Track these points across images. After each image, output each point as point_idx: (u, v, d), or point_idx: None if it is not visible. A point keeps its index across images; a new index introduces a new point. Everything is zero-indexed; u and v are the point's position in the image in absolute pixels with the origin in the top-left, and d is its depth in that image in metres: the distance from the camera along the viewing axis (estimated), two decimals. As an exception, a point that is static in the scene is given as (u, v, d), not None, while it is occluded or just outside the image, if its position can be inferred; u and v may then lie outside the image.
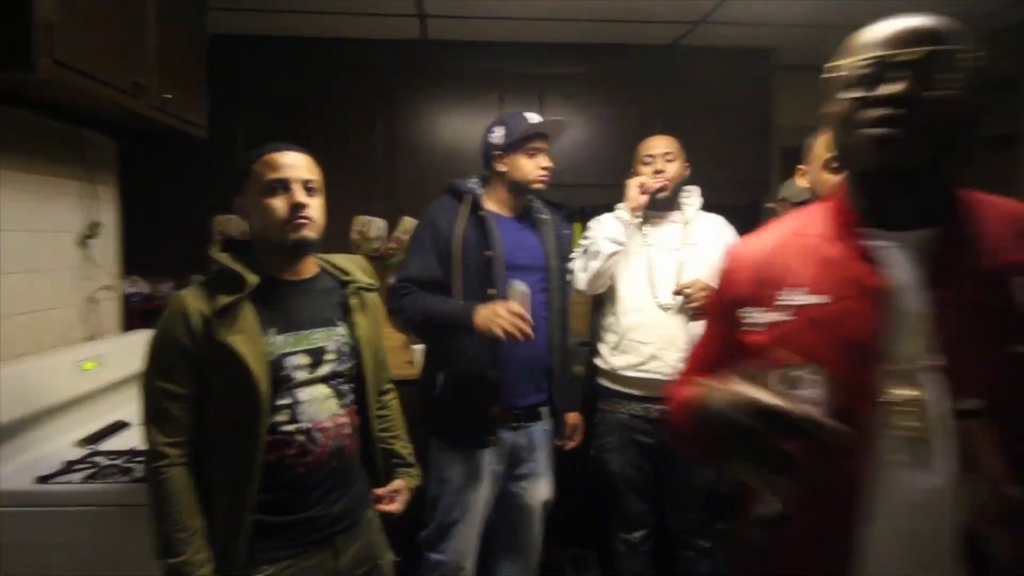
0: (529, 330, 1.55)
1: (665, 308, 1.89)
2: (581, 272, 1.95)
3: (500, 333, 1.54)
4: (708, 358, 0.94)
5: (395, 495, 1.40)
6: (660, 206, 1.96)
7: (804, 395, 0.71)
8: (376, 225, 2.84)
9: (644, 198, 1.89)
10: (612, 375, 1.96)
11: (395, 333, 1.92)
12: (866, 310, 0.78)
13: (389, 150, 2.85)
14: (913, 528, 0.75)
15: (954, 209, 0.81)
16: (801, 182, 1.64)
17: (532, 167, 1.77)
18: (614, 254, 1.88)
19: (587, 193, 2.81)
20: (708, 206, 2.49)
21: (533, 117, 1.80)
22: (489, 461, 1.75)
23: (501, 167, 1.79)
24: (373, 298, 1.39)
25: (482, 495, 1.75)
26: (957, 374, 0.73)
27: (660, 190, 1.91)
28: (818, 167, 1.57)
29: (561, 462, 1.95)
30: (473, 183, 1.83)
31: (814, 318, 0.80)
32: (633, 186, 1.91)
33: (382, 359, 1.45)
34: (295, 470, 1.18)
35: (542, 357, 1.80)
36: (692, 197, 2.01)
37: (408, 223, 2.87)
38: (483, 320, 1.58)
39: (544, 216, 1.88)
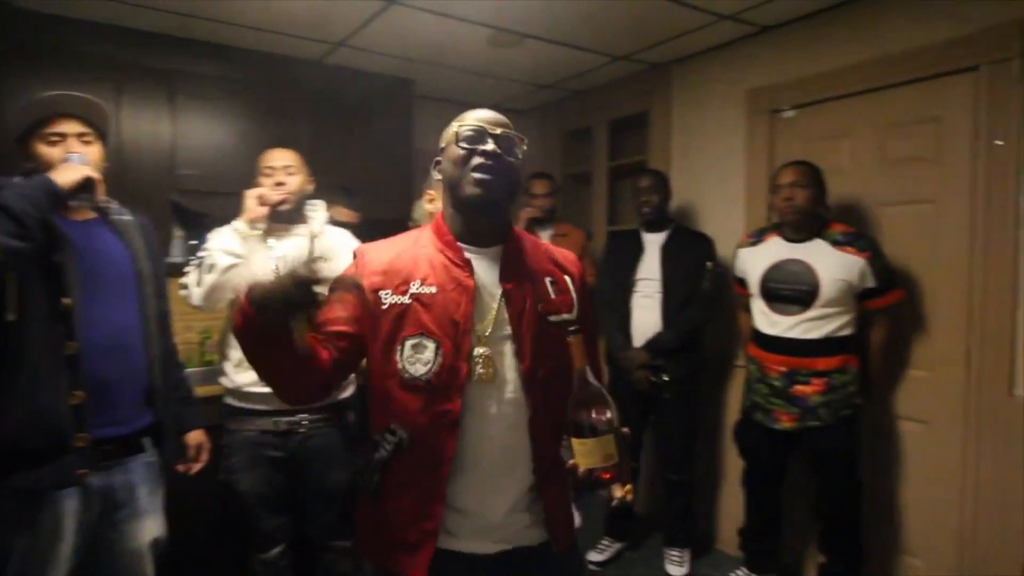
0: None
1: None
2: (195, 287, 1.84)
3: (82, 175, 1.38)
4: (337, 307, 1.16)
5: None
6: (284, 219, 1.96)
7: (423, 358, 1.10)
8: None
9: (263, 210, 1.88)
10: (237, 393, 1.91)
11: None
12: (461, 298, 1.12)
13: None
14: (492, 434, 1.12)
15: (511, 233, 1.22)
16: (428, 206, 1.86)
17: (55, 155, 1.46)
18: (231, 267, 1.81)
19: (226, 201, 2.67)
20: (353, 220, 2.60)
21: (49, 95, 1.49)
22: (72, 512, 1.44)
23: (27, 162, 1.49)
24: None
25: (65, 551, 1.44)
26: (518, 336, 1.14)
27: (281, 203, 1.92)
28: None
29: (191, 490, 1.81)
30: (16, 178, 1.47)
31: (427, 302, 1.12)
32: (251, 197, 1.88)
33: None
34: None
35: (138, 374, 1.56)
36: (318, 211, 2.08)
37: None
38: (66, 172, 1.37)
39: (126, 217, 1.64)
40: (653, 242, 2.73)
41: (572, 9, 2.42)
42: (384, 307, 1.13)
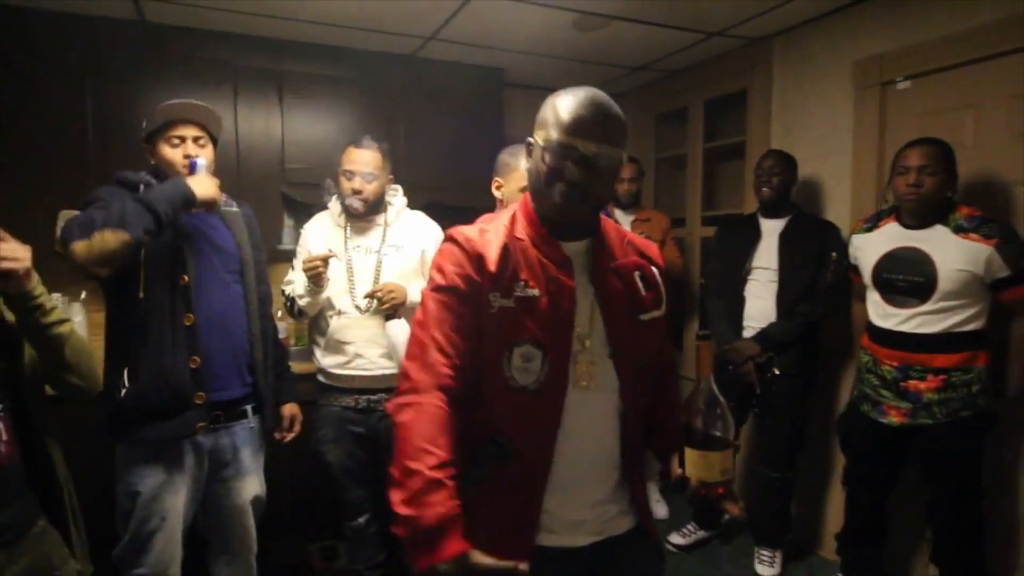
0: None
1: (362, 310, 2.03)
2: (294, 316, 2.10)
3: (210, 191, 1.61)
4: (451, 335, 1.05)
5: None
6: (365, 212, 2.08)
7: (532, 367, 1.04)
8: (87, 220, 2.58)
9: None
10: (325, 372, 2.09)
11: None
12: (563, 301, 1.07)
13: (102, 136, 2.61)
14: (587, 434, 1.09)
15: (598, 228, 1.15)
16: (496, 193, 1.90)
17: (176, 156, 1.69)
18: (305, 299, 2.03)
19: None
20: (448, 208, 2.71)
21: (173, 103, 1.73)
22: (188, 465, 1.69)
23: (152, 159, 1.73)
24: None
25: (181, 500, 1.68)
26: (613, 336, 1.10)
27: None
28: (516, 188, 1.83)
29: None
30: (144, 174, 1.72)
31: (530, 307, 1.06)
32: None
33: None
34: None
35: (242, 349, 1.77)
36: (397, 196, 2.18)
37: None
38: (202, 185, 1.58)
39: (231, 208, 1.84)
40: (771, 229, 2.59)
41: (658, -13, 2.35)
42: (493, 311, 1.05)
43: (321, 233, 2.13)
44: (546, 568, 1.06)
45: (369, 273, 2.05)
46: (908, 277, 2.02)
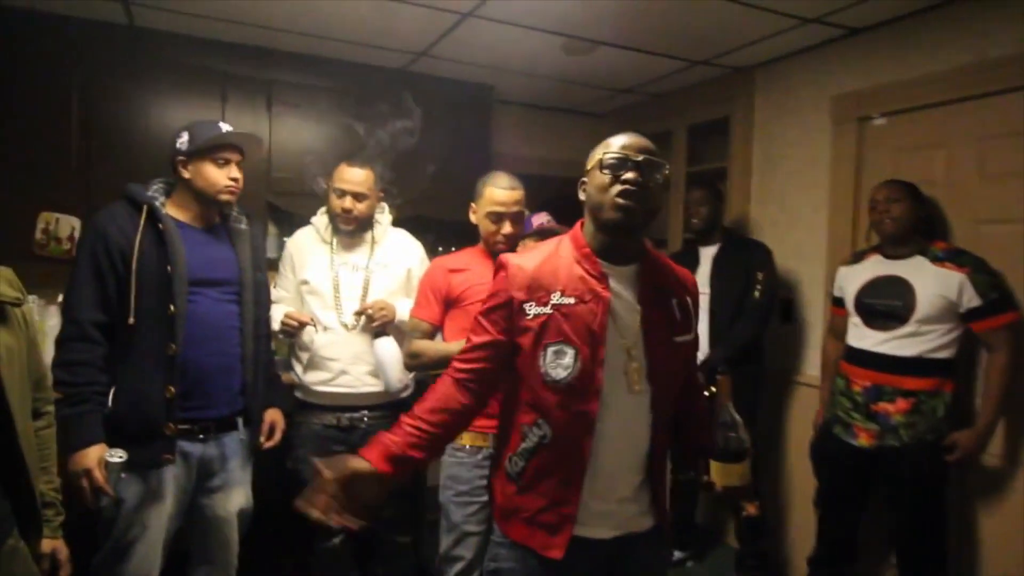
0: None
1: (349, 327, 2.04)
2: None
3: None
4: (483, 343, 1.28)
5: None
6: (353, 231, 2.11)
7: (563, 363, 1.19)
8: (67, 224, 2.56)
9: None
10: (306, 389, 2.08)
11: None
12: (598, 308, 1.20)
13: (86, 139, 2.58)
14: (621, 434, 1.23)
15: (646, 252, 1.29)
16: (472, 218, 1.93)
17: (220, 176, 1.74)
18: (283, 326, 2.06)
19: (315, 202, 2.86)
20: (434, 222, 2.71)
21: (225, 127, 1.79)
22: (175, 476, 1.69)
23: (185, 173, 1.74)
24: (23, 312, 1.30)
25: (165, 511, 1.69)
26: (651, 353, 1.23)
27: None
28: (483, 215, 1.87)
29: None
30: (155, 190, 1.76)
31: (566, 312, 1.21)
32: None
33: (39, 378, 1.36)
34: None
35: (234, 368, 1.79)
36: (383, 214, 2.20)
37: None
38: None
39: (242, 227, 1.87)
40: (707, 255, 2.70)
41: (644, 16, 2.40)
42: (529, 317, 1.22)
43: (306, 249, 2.13)
44: (574, 554, 1.23)
45: (356, 290, 2.06)
46: (887, 301, 2.11)
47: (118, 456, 1.58)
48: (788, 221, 2.86)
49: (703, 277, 2.65)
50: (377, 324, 1.95)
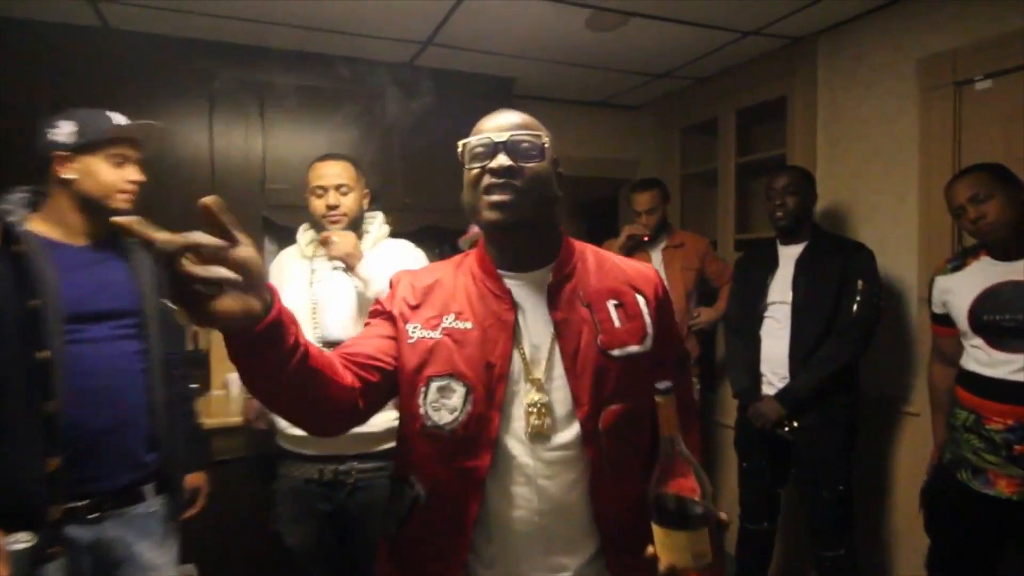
0: None
1: (330, 345, 1.69)
2: None
3: None
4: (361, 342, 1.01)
5: None
6: None
7: (450, 404, 0.93)
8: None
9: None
10: (284, 434, 1.72)
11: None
12: (500, 336, 0.96)
13: (59, 157, 2.33)
14: (530, 495, 0.94)
15: (560, 251, 1.03)
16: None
17: (116, 178, 1.40)
18: None
19: (312, 216, 2.57)
20: (448, 232, 2.34)
21: (119, 118, 1.44)
22: (60, 565, 1.29)
23: (68, 173, 1.37)
24: None
25: None
26: (574, 376, 0.95)
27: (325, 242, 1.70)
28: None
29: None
30: (12, 201, 1.37)
31: (459, 339, 0.96)
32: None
33: None
34: None
35: (137, 423, 1.40)
36: (375, 223, 1.85)
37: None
38: None
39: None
40: (789, 256, 2.22)
41: (685, -26, 2.01)
42: (411, 341, 0.99)
43: (286, 269, 1.81)
44: None
45: (344, 308, 1.72)
46: (1016, 316, 1.62)
47: (23, 542, 1.23)
48: (864, 213, 2.39)
49: (783, 283, 2.20)
50: (335, 256, 1.62)
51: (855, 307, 2.05)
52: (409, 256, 1.81)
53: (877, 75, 2.33)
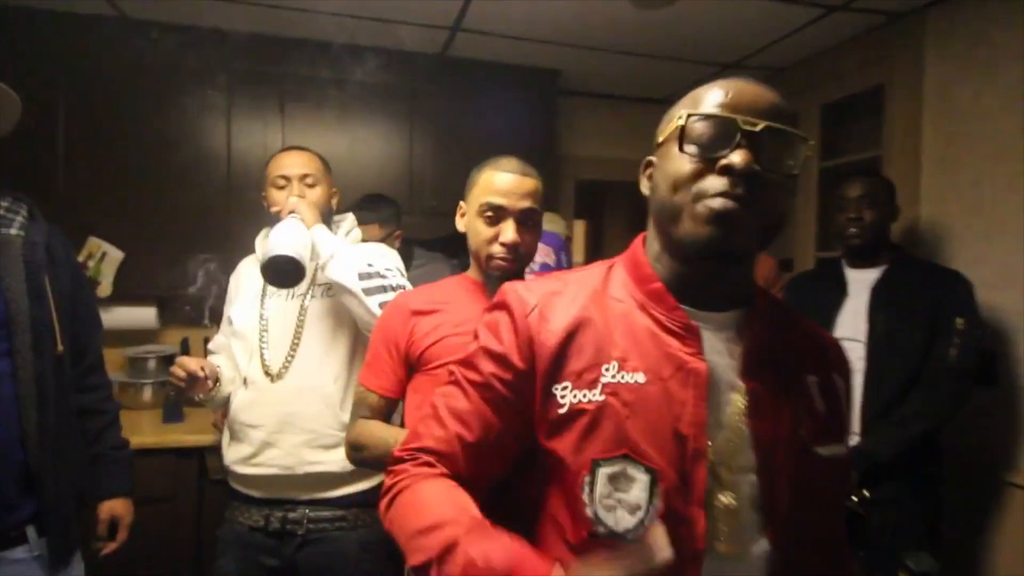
0: None
1: (273, 376, 1.42)
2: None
3: None
4: (474, 440, 0.73)
5: None
6: None
7: (629, 499, 0.65)
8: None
9: None
10: (230, 472, 1.47)
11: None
12: (688, 394, 0.68)
13: (71, 148, 2.25)
14: None
15: (755, 292, 0.75)
16: (459, 225, 1.26)
17: None
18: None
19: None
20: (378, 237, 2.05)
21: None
22: None
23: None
24: None
25: None
26: (769, 471, 0.69)
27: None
28: (474, 212, 1.19)
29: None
30: None
31: (630, 400, 0.68)
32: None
33: None
34: None
35: (6, 456, 1.17)
36: (342, 225, 1.58)
37: (95, 244, 2.29)
38: None
39: (11, 231, 1.20)
40: (861, 283, 1.77)
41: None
42: (562, 411, 0.69)
43: (242, 280, 1.58)
44: None
45: (288, 325, 1.46)
46: None
47: None
48: (983, 231, 1.91)
49: (854, 315, 1.77)
50: (291, 208, 1.43)
51: (952, 350, 1.60)
52: (383, 254, 1.52)
53: (1002, 58, 1.85)
